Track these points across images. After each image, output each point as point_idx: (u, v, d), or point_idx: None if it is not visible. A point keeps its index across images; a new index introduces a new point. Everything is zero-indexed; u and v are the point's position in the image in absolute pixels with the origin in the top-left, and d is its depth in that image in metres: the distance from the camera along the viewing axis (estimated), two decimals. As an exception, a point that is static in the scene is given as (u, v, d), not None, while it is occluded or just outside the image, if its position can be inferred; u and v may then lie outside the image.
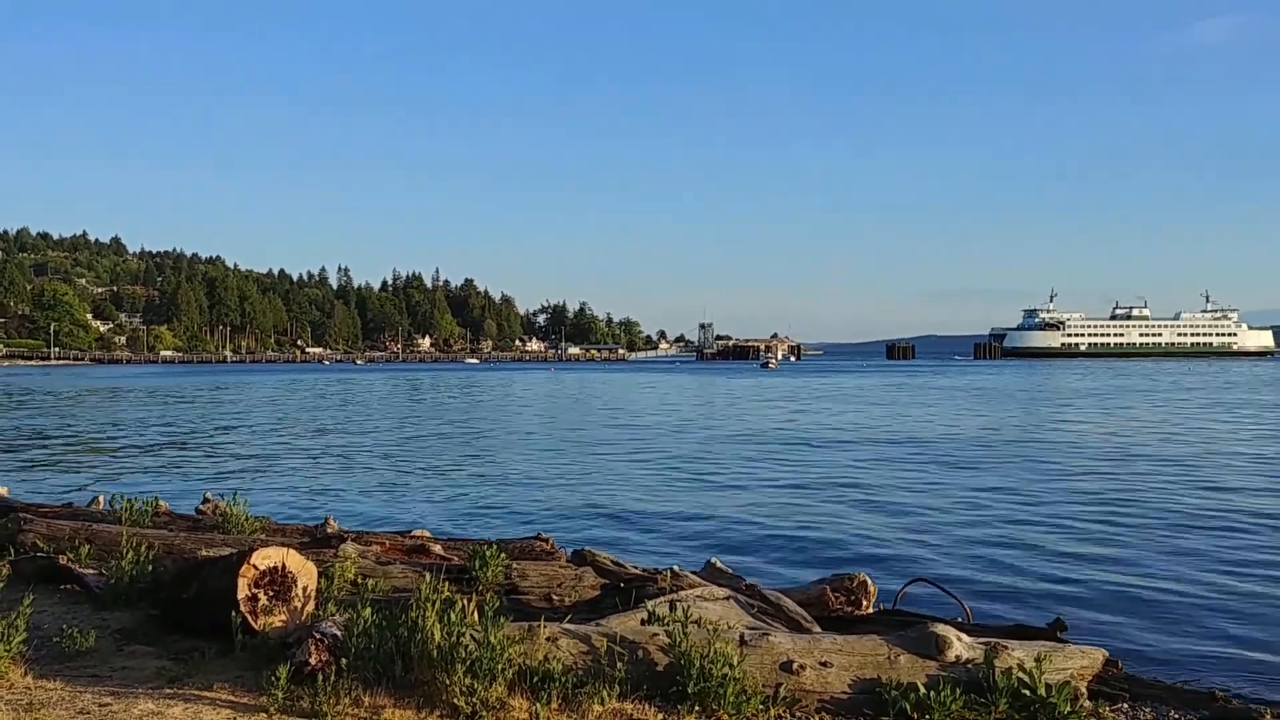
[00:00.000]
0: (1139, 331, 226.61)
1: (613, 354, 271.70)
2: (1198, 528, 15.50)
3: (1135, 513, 16.93)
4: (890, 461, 25.43)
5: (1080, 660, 6.31)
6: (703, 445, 30.56)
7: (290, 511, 16.77)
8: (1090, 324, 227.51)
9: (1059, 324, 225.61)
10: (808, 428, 37.51)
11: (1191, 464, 24.23)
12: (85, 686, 5.66)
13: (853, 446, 29.60)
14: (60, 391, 74.26)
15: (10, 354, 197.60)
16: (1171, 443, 30.07)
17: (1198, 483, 20.75)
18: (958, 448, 28.81)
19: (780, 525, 16.07)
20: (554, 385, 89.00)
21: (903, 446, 29.40)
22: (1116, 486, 20.23)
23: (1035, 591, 11.53)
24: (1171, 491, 19.48)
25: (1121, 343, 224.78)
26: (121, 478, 22.61)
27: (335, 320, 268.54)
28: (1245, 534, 14.96)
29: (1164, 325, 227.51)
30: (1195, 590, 11.45)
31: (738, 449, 29.15)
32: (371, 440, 33.40)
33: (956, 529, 15.56)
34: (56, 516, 10.44)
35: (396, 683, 5.53)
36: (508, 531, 14.22)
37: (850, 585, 8.49)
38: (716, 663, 5.51)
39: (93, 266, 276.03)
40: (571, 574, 8.24)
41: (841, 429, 36.54)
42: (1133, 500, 18.34)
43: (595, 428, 38.86)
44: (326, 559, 8.00)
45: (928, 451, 27.79)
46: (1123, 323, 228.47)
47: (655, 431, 36.34)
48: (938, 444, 30.10)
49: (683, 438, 33.44)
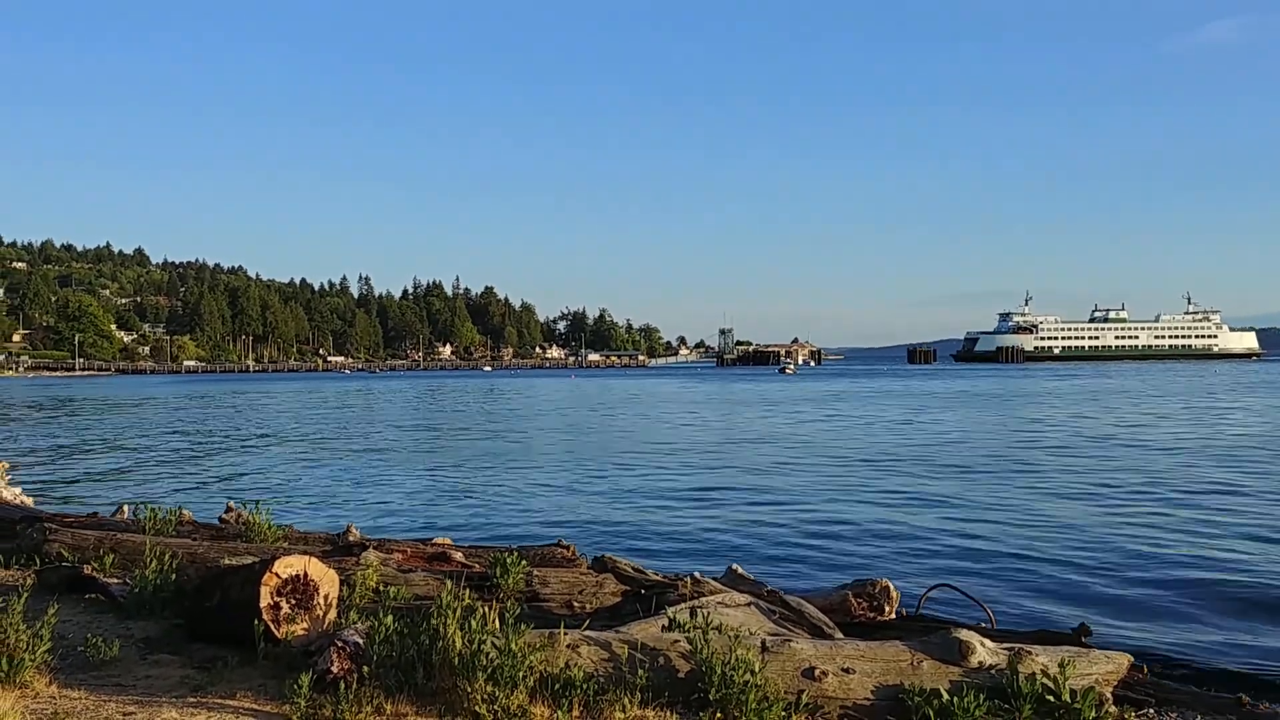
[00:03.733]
0: (1115, 334, 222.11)
1: (633, 360, 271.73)
2: (1223, 533, 15.35)
3: (1157, 518, 16.78)
4: (907, 468, 25.30)
5: (1105, 665, 6.26)
6: (722, 451, 30.51)
7: (312, 520, 16.84)
8: (1064, 327, 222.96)
9: (1032, 327, 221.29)
10: (824, 434, 37.40)
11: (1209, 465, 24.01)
12: (109, 695, 5.69)
13: (868, 453, 29.49)
14: (85, 402, 74.88)
15: (36, 365, 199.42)
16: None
17: (1219, 486, 20.56)
18: (969, 454, 28.65)
19: (801, 531, 16.01)
20: (575, 392, 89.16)
21: (915, 453, 29.26)
22: (1132, 490, 20.07)
23: (1059, 596, 11.44)
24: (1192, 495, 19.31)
25: (1097, 346, 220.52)
26: (146, 487, 22.77)
27: (357, 329, 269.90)
28: (1271, 540, 14.81)
29: (1141, 328, 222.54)
30: (1222, 595, 11.33)
31: (756, 454, 29.09)
32: (392, 448, 33.51)
33: (979, 534, 15.47)
34: (81, 526, 10.52)
35: (418, 690, 5.54)
36: (528, 538, 14.24)
37: (873, 591, 8.44)
38: (738, 669, 5.49)
39: (116, 278, 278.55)
40: (592, 581, 8.24)
41: (856, 435, 36.42)
42: (1151, 504, 18.19)
43: (616, 434, 38.87)
44: (348, 567, 8.03)
45: (944, 458, 27.65)
46: (1098, 325, 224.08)
47: (675, 437, 36.32)
48: (952, 450, 29.96)
49: (702, 443, 33.39)
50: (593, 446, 33.18)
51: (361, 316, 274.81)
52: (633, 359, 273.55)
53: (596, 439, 36.58)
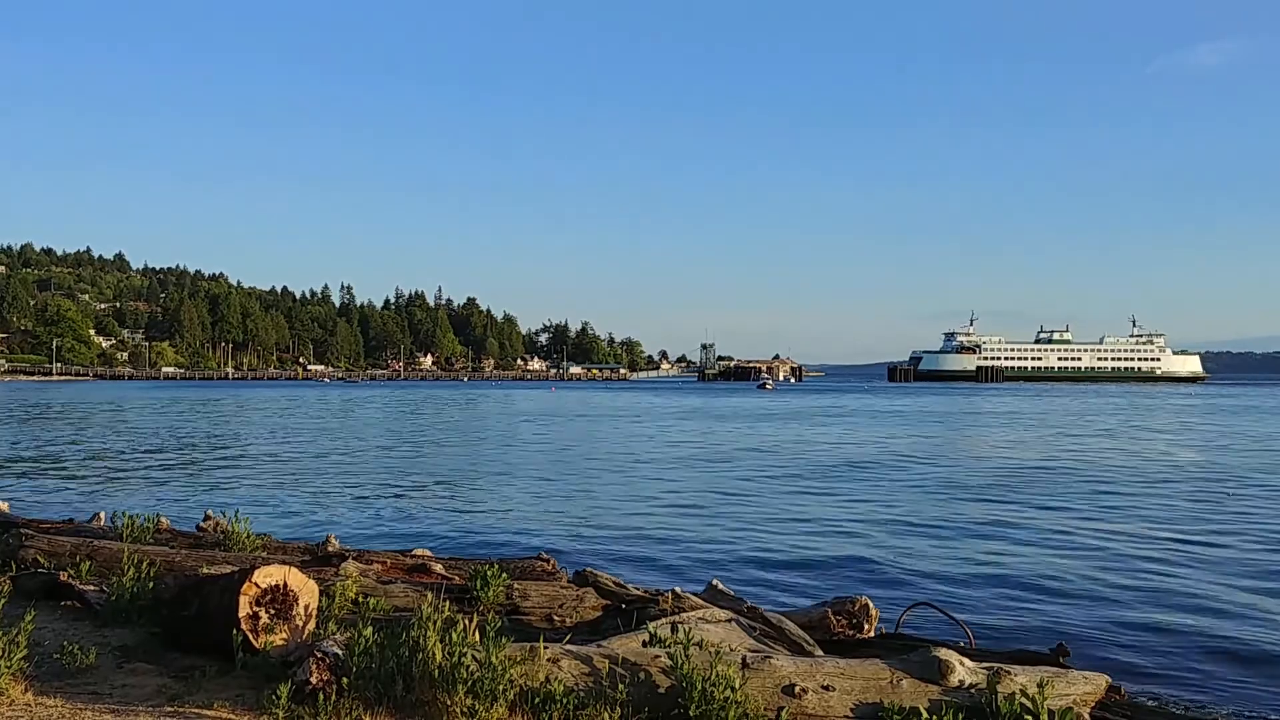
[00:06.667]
0: (1057, 355, 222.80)
1: (614, 374, 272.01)
2: (1200, 552, 15.46)
3: (1137, 537, 16.89)
4: (885, 485, 25.38)
5: (1083, 686, 6.30)
6: (702, 467, 30.52)
7: (291, 529, 16.73)
8: (1008, 347, 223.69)
9: (975, 347, 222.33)
10: (801, 450, 37.48)
11: (1187, 486, 24.20)
12: (85, 704, 5.65)
13: (848, 469, 29.57)
14: (62, 407, 74.25)
15: (13, 369, 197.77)
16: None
17: (1197, 507, 20.71)
18: (950, 471, 28.77)
19: (782, 547, 16.03)
20: (555, 402, 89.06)
21: (898, 470, 29.37)
22: (1113, 510, 20.20)
23: (1038, 616, 11.48)
24: (1172, 515, 19.45)
25: (1040, 366, 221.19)
26: (123, 494, 22.58)
27: (337, 338, 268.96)
28: (1250, 557, 14.92)
29: (1084, 349, 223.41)
30: (1200, 615, 11.40)
31: (736, 470, 29.11)
32: (372, 458, 33.36)
33: (958, 553, 15.53)
34: (58, 533, 10.44)
35: (397, 703, 5.52)
36: (509, 551, 14.21)
37: (852, 609, 8.46)
38: (718, 685, 5.49)
39: (96, 283, 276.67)
40: (573, 594, 8.23)
41: (834, 451, 36.52)
42: (1133, 525, 18.31)
43: (596, 448, 38.83)
44: (328, 577, 8.00)
45: (926, 475, 27.75)
46: (1043, 346, 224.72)
47: (656, 451, 36.31)
48: (936, 468, 30.08)
49: (681, 459, 33.40)
50: (573, 459, 33.13)
51: (343, 325, 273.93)
52: (614, 372, 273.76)
53: (577, 451, 36.53)
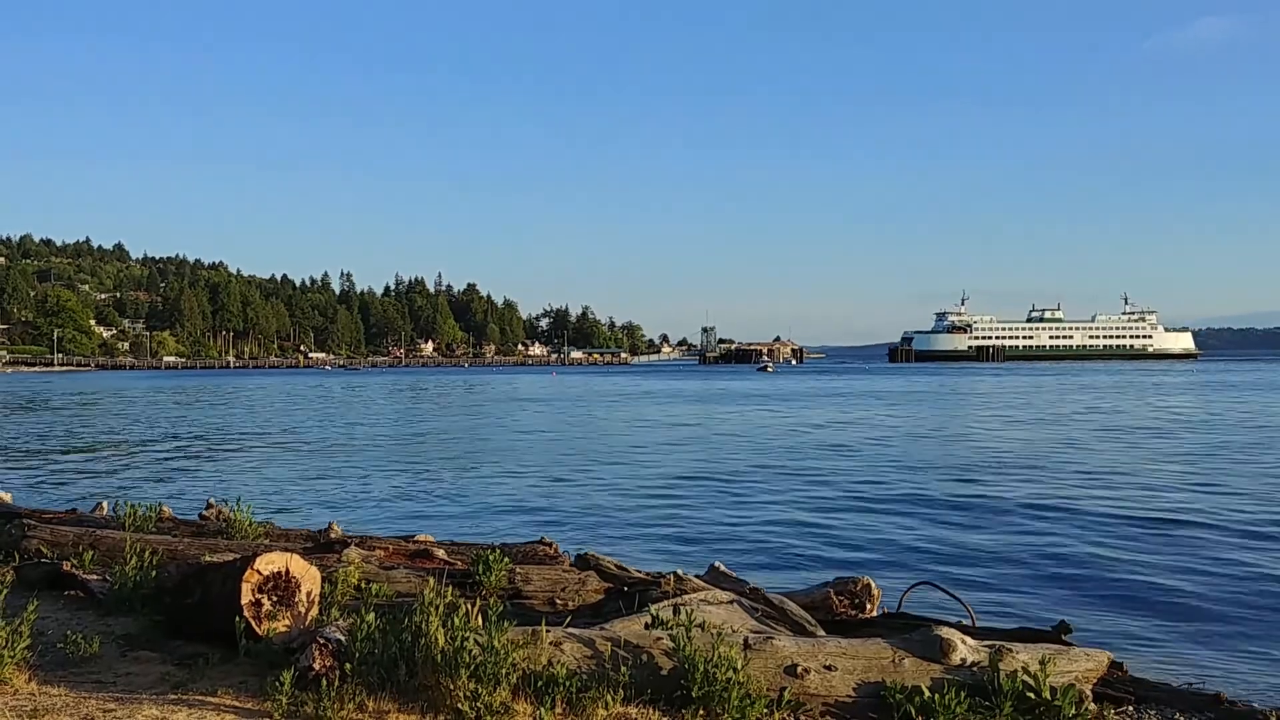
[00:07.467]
0: (1049, 334, 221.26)
1: (615, 358, 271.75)
2: (1203, 529, 15.47)
3: (1138, 514, 16.89)
4: (886, 466, 25.39)
5: (1085, 663, 6.30)
6: (703, 449, 30.53)
7: (294, 517, 16.77)
8: (999, 326, 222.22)
9: (967, 327, 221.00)
10: (803, 431, 37.50)
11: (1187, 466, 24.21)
12: (89, 693, 5.66)
13: (849, 450, 29.59)
14: (64, 397, 74.30)
15: (14, 360, 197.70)
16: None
17: (1198, 485, 20.72)
18: (946, 452, 28.79)
19: (784, 528, 16.05)
20: (557, 387, 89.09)
21: (895, 450, 29.39)
22: (1113, 488, 20.21)
23: (1041, 593, 11.51)
24: (1173, 493, 19.46)
25: (1031, 345, 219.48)
26: (126, 483, 22.61)
27: (338, 325, 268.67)
28: (1251, 536, 14.93)
29: (1076, 327, 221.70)
30: (1202, 592, 11.42)
31: (737, 452, 29.13)
32: (374, 444, 33.39)
33: (959, 532, 15.55)
34: (60, 523, 10.46)
35: (400, 688, 5.53)
36: (511, 536, 14.22)
37: (854, 589, 8.47)
38: (720, 666, 5.50)
39: (96, 273, 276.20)
40: (575, 578, 8.24)
41: (835, 432, 36.54)
42: (1134, 503, 18.31)
43: (597, 431, 38.85)
44: (330, 564, 8.01)
45: (924, 456, 27.76)
46: (1034, 325, 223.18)
47: (656, 434, 36.33)
48: (929, 447, 30.10)
49: (681, 442, 33.41)
50: (574, 443, 33.15)
51: (343, 313, 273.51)
52: (615, 356, 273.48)
53: (578, 436, 36.55)
